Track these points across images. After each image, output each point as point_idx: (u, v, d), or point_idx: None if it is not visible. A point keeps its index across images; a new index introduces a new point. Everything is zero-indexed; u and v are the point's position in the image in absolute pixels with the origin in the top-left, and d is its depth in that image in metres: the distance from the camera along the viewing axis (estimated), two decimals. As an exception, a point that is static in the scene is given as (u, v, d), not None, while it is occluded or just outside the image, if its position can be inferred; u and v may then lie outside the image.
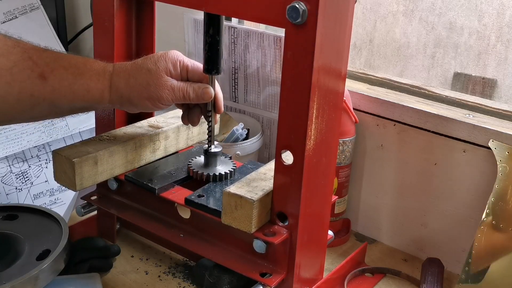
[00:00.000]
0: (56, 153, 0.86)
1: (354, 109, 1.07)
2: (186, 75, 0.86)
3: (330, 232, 0.92)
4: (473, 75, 1.14)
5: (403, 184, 1.08)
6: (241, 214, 0.78)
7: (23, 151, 1.16)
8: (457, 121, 0.98)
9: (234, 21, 1.25)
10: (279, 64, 1.15)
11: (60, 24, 1.57)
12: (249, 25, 1.22)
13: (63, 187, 1.07)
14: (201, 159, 0.95)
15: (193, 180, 0.93)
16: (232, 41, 1.20)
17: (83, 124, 1.22)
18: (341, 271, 0.97)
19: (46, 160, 1.18)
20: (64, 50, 1.37)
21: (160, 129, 0.97)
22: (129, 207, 0.97)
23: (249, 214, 0.77)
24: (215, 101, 0.89)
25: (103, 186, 0.98)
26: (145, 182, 0.90)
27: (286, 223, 0.80)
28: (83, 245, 0.97)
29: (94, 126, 1.02)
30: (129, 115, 0.99)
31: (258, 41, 1.16)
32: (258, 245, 0.80)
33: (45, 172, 1.17)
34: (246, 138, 1.16)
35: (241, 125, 1.17)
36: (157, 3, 0.95)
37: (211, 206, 0.84)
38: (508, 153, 0.92)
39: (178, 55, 0.85)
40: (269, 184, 0.81)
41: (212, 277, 0.89)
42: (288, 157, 0.77)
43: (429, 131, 1.02)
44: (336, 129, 0.81)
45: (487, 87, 1.13)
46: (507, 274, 0.90)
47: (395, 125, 1.06)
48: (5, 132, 1.15)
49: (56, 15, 1.55)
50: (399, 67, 1.24)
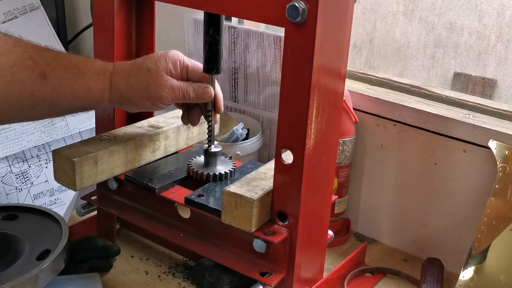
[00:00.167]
0: (56, 153, 0.86)
1: (354, 109, 1.07)
2: (186, 75, 0.86)
3: (330, 232, 0.92)
4: (473, 75, 1.14)
5: (403, 184, 1.08)
6: (241, 213, 0.78)
7: (23, 151, 1.16)
8: (457, 121, 0.98)
9: (234, 21, 1.25)
10: (279, 64, 1.15)
11: (60, 24, 1.57)
12: (249, 25, 1.22)
13: (63, 187, 1.08)
14: (201, 159, 0.95)
15: (193, 180, 0.93)
16: (232, 41, 1.20)
17: (83, 124, 1.22)
18: (341, 271, 0.97)
19: (46, 160, 1.18)
20: (64, 50, 1.37)
21: (160, 129, 0.97)
22: (129, 207, 0.97)
23: (249, 213, 0.77)
24: (215, 101, 0.89)
25: (103, 186, 0.98)
26: (145, 182, 0.91)
27: (286, 223, 0.80)
28: (83, 245, 0.98)
29: (94, 126, 1.02)
30: (129, 115, 0.99)
31: (258, 41, 1.16)
32: (258, 245, 0.80)
33: (45, 172, 1.17)
34: (246, 138, 1.16)
35: (241, 125, 1.17)
36: (157, 3, 0.95)
37: (211, 206, 0.84)
38: (508, 153, 0.92)
39: (178, 54, 0.85)
40: (269, 184, 0.81)
41: (212, 277, 0.88)
42: (288, 156, 0.77)
43: (429, 131, 1.02)
44: (336, 129, 0.81)
45: (487, 87, 1.13)
46: (507, 272, 0.91)
47: (395, 125, 1.06)
48: (5, 132, 1.15)
49: (56, 15, 1.55)
50: (399, 67, 1.24)
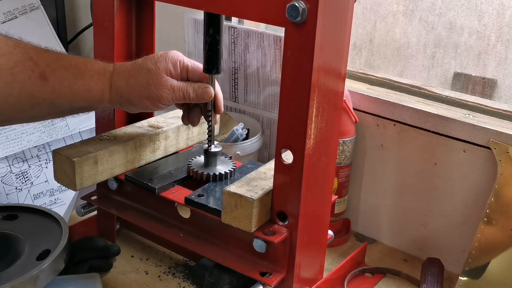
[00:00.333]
0: (56, 153, 0.86)
1: (354, 109, 1.07)
2: (186, 75, 0.86)
3: (330, 232, 0.91)
4: (473, 75, 1.14)
5: (403, 184, 1.08)
6: (241, 213, 0.78)
7: (23, 151, 1.16)
8: (457, 121, 0.98)
9: (234, 21, 1.25)
10: (279, 64, 1.15)
11: (60, 24, 1.57)
12: (249, 25, 1.22)
13: (63, 187, 1.08)
14: (201, 159, 0.95)
15: (193, 180, 0.93)
16: (232, 41, 1.20)
17: (83, 124, 1.22)
18: (341, 271, 0.97)
19: (46, 160, 1.18)
20: (64, 50, 1.37)
21: (160, 129, 0.97)
22: (129, 207, 0.97)
23: (249, 213, 0.77)
24: (215, 101, 0.89)
25: (103, 186, 0.98)
26: (145, 182, 0.91)
27: (286, 223, 0.80)
28: (83, 245, 0.98)
29: (94, 126, 1.02)
30: (129, 115, 0.99)
31: (258, 41, 1.16)
32: (258, 245, 0.80)
33: (45, 172, 1.17)
34: (246, 138, 1.16)
35: (241, 125, 1.17)
36: (157, 3, 0.95)
37: (211, 206, 0.84)
38: (508, 153, 0.92)
39: (178, 55, 0.85)
40: (269, 184, 0.81)
41: (212, 277, 0.88)
42: (288, 156, 0.77)
43: (429, 131, 1.02)
44: (336, 129, 0.81)
45: (487, 87, 1.13)
46: (507, 273, 0.91)
47: (395, 125, 1.06)
48: (5, 132, 1.15)
49: (56, 15, 1.55)
50: (399, 67, 1.24)
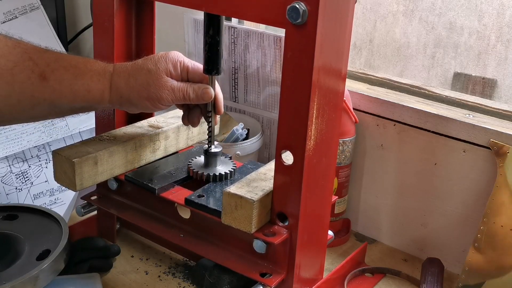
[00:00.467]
0: (56, 153, 0.86)
1: (354, 109, 1.07)
2: (186, 76, 0.86)
3: (330, 232, 0.91)
4: (473, 75, 1.14)
5: (403, 184, 1.08)
6: (241, 214, 0.78)
7: (23, 151, 1.16)
8: (457, 121, 0.98)
9: (234, 21, 1.25)
10: (279, 64, 1.15)
11: (60, 24, 1.57)
12: (249, 25, 1.22)
13: (63, 187, 1.07)
14: (201, 159, 0.95)
15: (193, 180, 0.93)
16: (232, 41, 1.20)
17: (83, 124, 1.22)
18: (341, 271, 0.97)
19: (46, 160, 1.18)
20: (64, 50, 1.37)
21: (160, 129, 0.97)
22: (129, 207, 0.97)
23: (249, 214, 0.77)
24: (215, 102, 0.89)
25: (103, 186, 0.98)
26: (145, 182, 0.90)
27: (286, 223, 0.80)
28: (83, 245, 0.98)
29: (94, 126, 1.02)
30: (129, 115, 0.99)
31: (258, 41, 1.16)
32: (258, 245, 0.80)
33: (45, 172, 1.17)
34: (246, 138, 1.16)
35: (241, 125, 1.17)
36: (157, 3, 0.95)
37: (211, 206, 0.84)
38: (508, 153, 0.92)
39: (178, 56, 0.85)
40: (269, 184, 0.81)
41: (212, 277, 0.89)
42: (288, 157, 0.77)
43: (429, 131, 1.02)
44: (336, 129, 0.81)
45: (487, 87, 1.13)
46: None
47: (395, 125, 1.06)
48: (5, 132, 1.15)
49: (56, 15, 1.55)
50: (399, 67, 1.24)
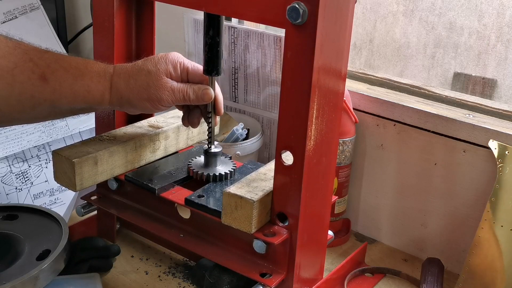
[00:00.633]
0: (56, 153, 0.86)
1: (354, 109, 1.07)
2: (186, 77, 0.86)
3: (330, 232, 0.92)
4: (473, 75, 1.14)
5: (403, 184, 1.08)
6: (241, 214, 0.78)
7: (23, 151, 1.16)
8: (457, 121, 0.98)
9: (234, 21, 1.25)
10: (279, 64, 1.15)
11: (60, 24, 1.57)
12: (249, 25, 1.22)
13: (63, 187, 1.07)
14: (201, 159, 0.95)
15: (193, 180, 0.93)
16: (232, 41, 1.20)
17: (83, 124, 1.22)
18: (341, 271, 0.97)
19: (46, 160, 1.18)
20: (64, 50, 1.37)
21: (160, 129, 0.97)
22: (129, 207, 0.97)
23: (249, 215, 0.77)
24: (215, 103, 0.89)
25: (103, 186, 0.98)
26: (145, 182, 0.91)
27: (286, 224, 0.80)
28: (83, 245, 0.98)
29: (94, 126, 1.02)
30: (129, 115, 0.99)
31: (258, 41, 1.16)
32: (258, 246, 0.80)
33: (45, 172, 1.17)
34: (246, 138, 1.16)
35: (241, 125, 1.17)
36: (157, 3, 0.95)
37: (211, 207, 0.84)
38: (508, 153, 0.92)
39: (178, 57, 0.85)
40: (269, 185, 0.81)
41: (212, 277, 0.89)
42: (288, 157, 0.77)
43: (429, 131, 1.02)
44: (336, 129, 0.81)
45: (487, 87, 1.13)
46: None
47: (395, 125, 1.06)
48: (5, 132, 1.15)
49: (56, 15, 1.55)
50: (399, 67, 1.24)
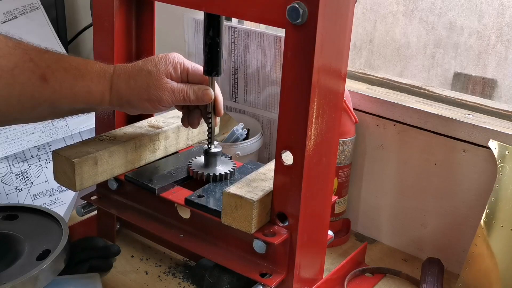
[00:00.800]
0: (56, 153, 0.86)
1: (354, 109, 1.07)
2: (186, 77, 0.86)
3: (330, 232, 0.92)
4: (473, 75, 1.14)
5: (403, 184, 1.08)
6: (241, 214, 0.78)
7: (23, 151, 1.16)
8: (457, 121, 0.98)
9: (234, 21, 1.25)
10: (279, 64, 1.15)
11: (60, 24, 1.57)
12: (249, 25, 1.22)
13: (63, 187, 1.07)
14: (201, 159, 0.95)
15: (193, 180, 0.93)
16: (232, 41, 1.20)
17: (83, 124, 1.22)
18: (341, 271, 0.97)
19: (46, 160, 1.18)
20: (64, 50, 1.37)
21: (160, 129, 0.97)
22: (129, 207, 0.97)
23: (249, 215, 0.77)
24: (215, 103, 0.89)
25: (103, 186, 0.98)
26: (145, 182, 0.91)
27: (286, 224, 0.80)
28: (83, 245, 0.98)
29: (94, 126, 1.02)
30: (129, 115, 0.99)
31: (258, 41, 1.16)
32: (258, 246, 0.80)
33: (45, 172, 1.17)
34: (246, 138, 1.16)
35: (241, 125, 1.17)
36: (157, 3, 0.95)
37: (211, 206, 0.84)
38: (508, 153, 0.92)
39: (178, 57, 0.85)
40: (269, 185, 0.81)
41: (212, 277, 0.89)
42: (288, 157, 0.77)
43: (429, 131, 1.02)
44: (336, 129, 0.81)
45: (487, 87, 1.13)
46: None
47: (395, 125, 1.06)
48: (5, 132, 1.15)
49: (56, 15, 1.55)
50: (399, 67, 1.24)
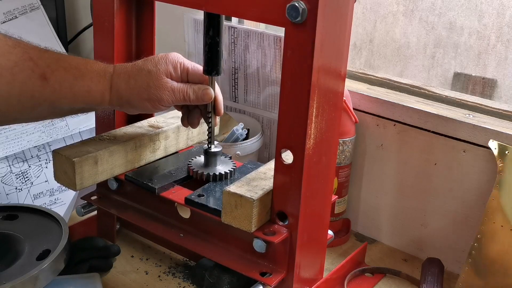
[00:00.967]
0: (56, 153, 0.86)
1: (354, 109, 1.07)
2: (186, 77, 0.86)
3: (330, 232, 0.92)
4: (473, 75, 1.14)
5: (403, 184, 1.08)
6: (241, 213, 0.78)
7: (23, 151, 1.16)
8: (457, 121, 0.98)
9: (234, 21, 1.25)
10: (279, 64, 1.15)
11: (60, 24, 1.57)
12: (249, 25, 1.22)
13: (63, 187, 1.08)
14: (201, 159, 0.95)
15: (193, 180, 0.93)
16: (232, 41, 1.20)
17: (83, 124, 1.22)
18: (341, 271, 0.97)
19: (46, 160, 1.18)
20: (64, 50, 1.37)
21: (160, 129, 0.97)
22: (129, 207, 0.97)
23: (249, 213, 0.77)
24: (215, 103, 0.89)
25: (103, 186, 0.98)
26: (145, 182, 0.91)
27: (286, 223, 0.80)
28: (83, 245, 0.98)
29: (94, 126, 1.02)
30: (129, 115, 0.99)
31: (258, 41, 1.16)
32: (258, 245, 0.80)
33: (45, 172, 1.17)
34: (246, 138, 1.17)
35: (241, 125, 1.17)
36: (157, 3, 0.95)
37: (211, 206, 0.84)
38: (508, 153, 0.92)
39: (178, 57, 0.85)
40: (269, 184, 0.81)
41: (212, 277, 0.89)
42: (288, 156, 0.77)
43: (429, 131, 1.02)
44: (336, 129, 0.81)
45: (487, 87, 1.13)
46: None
47: (395, 125, 1.06)
48: (5, 132, 1.15)
49: (56, 15, 1.55)
50: (399, 67, 1.24)
